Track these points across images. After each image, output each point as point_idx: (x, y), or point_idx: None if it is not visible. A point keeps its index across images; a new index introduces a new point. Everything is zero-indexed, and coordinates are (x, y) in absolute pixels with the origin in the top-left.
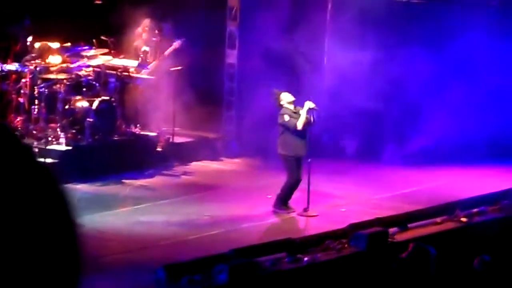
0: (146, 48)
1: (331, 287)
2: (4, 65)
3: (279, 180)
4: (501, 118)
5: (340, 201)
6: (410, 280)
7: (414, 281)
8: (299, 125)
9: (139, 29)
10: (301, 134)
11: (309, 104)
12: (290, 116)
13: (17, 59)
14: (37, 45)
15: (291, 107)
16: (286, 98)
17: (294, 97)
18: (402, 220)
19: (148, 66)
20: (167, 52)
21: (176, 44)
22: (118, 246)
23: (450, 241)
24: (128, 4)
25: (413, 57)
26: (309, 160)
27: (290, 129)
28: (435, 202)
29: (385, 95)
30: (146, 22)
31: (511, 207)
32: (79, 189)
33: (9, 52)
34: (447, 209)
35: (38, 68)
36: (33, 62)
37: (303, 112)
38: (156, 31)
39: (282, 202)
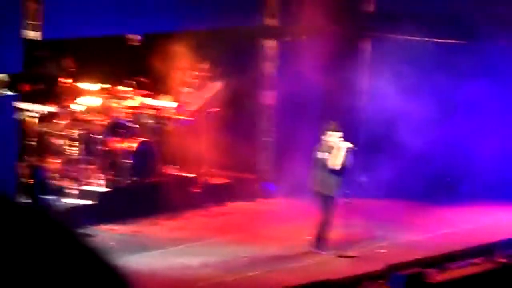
0: (187, 90)
1: None
2: (44, 106)
3: (317, 221)
4: None
5: (379, 241)
6: None
7: None
8: (337, 164)
9: (180, 71)
10: (336, 173)
11: (346, 144)
12: (328, 153)
13: (57, 100)
14: (76, 86)
15: (331, 143)
16: (333, 135)
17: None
18: (440, 261)
19: (189, 108)
20: (207, 95)
21: (216, 86)
22: (155, 287)
23: (489, 282)
24: (166, 45)
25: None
26: (346, 199)
27: (325, 166)
28: (473, 242)
29: (427, 131)
30: (183, 63)
31: None
32: (116, 230)
33: (49, 93)
34: (486, 250)
35: (77, 110)
36: (71, 103)
37: (340, 152)
38: (196, 72)
39: (320, 241)
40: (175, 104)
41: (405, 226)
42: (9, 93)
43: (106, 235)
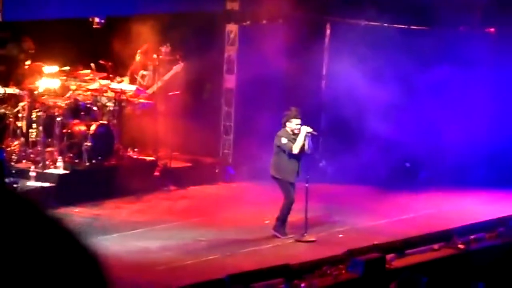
0: (145, 72)
1: None
2: (3, 88)
3: (277, 205)
4: (499, 143)
5: (338, 226)
6: None
7: None
8: (295, 149)
9: (138, 53)
10: (295, 158)
11: (306, 129)
12: (288, 139)
13: (17, 82)
14: (36, 68)
15: (290, 131)
16: (293, 122)
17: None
18: (400, 247)
19: (147, 91)
20: (166, 77)
21: (176, 68)
22: (114, 270)
23: (447, 268)
24: (127, 29)
25: (415, 82)
26: (306, 184)
27: (285, 151)
28: (433, 228)
29: (388, 117)
30: (144, 46)
31: (508, 234)
32: (76, 213)
33: (9, 75)
34: (445, 236)
35: (36, 92)
36: (31, 85)
37: (300, 137)
38: (154, 55)
39: (281, 224)
40: (134, 87)
41: (365, 212)
42: None
43: (65, 218)
